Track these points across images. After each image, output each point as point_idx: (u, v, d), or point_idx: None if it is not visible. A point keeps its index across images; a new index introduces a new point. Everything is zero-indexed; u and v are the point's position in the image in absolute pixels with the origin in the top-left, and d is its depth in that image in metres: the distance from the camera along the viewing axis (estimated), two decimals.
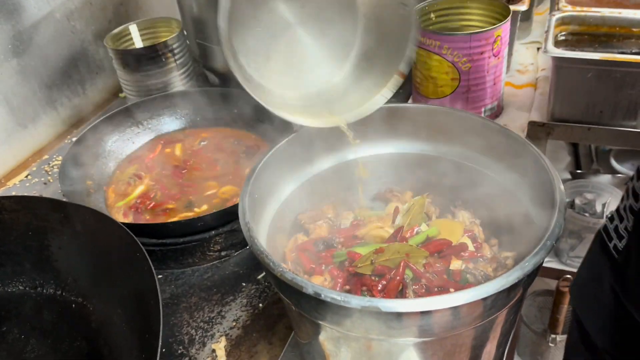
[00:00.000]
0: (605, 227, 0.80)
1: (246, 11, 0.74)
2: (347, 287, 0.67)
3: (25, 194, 1.18)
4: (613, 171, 1.46)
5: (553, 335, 1.52)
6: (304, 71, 0.81)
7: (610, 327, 0.79)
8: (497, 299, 0.56)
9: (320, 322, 0.60)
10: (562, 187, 0.63)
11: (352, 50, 0.80)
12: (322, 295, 0.53)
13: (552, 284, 1.43)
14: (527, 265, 0.54)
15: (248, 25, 0.75)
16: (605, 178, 1.42)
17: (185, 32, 1.37)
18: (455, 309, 0.54)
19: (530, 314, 1.67)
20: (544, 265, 1.35)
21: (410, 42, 0.75)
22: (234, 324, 0.87)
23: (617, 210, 0.78)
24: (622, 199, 0.78)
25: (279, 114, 0.75)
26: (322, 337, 0.64)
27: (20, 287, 0.84)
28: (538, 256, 0.55)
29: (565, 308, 1.44)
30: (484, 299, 0.54)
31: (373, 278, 0.66)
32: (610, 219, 0.79)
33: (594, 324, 0.83)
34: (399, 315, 0.54)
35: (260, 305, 0.89)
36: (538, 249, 0.56)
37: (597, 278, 0.81)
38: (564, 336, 1.55)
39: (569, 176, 1.49)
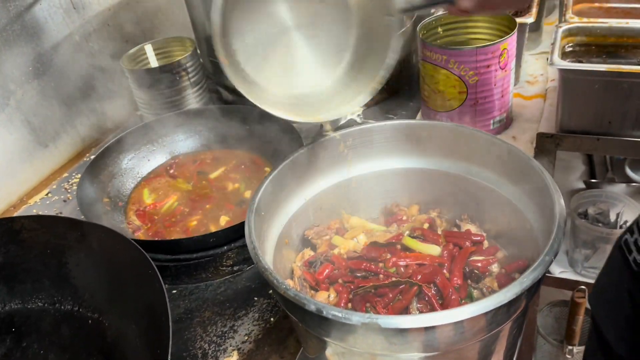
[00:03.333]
0: (625, 240, 0.80)
1: (245, 10, 0.77)
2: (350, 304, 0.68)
3: (46, 212, 1.22)
4: (628, 180, 1.44)
5: (570, 347, 1.50)
6: (297, 73, 0.84)
7: (631, 337, 0.78)
8: (498, 314, 0.57)
9: (325, 339, 0.61)
10: (562, 202, 0.64)
11: (345, 58, 0.82)
12: (324, 312, 0.54)
13: (568, 294, 1.41)
14: (525, 281, 0.55)
15: (247, 23, 0.78)
16: (619, 187, 1.41)
17: (198, 51, 1.41)
18: (456, 324, 0.55)
19: (547, 324, 1.65)
20: (559, 276, 1.35)
21: (391, 50, 0.77)
22: (246, 338, 0.88)
23: (637, 222, 0.78)
24: None
25: (265, 109, 0.79)
26: (328, 352, 0.65)
27: (40, 304, 0.87)
28: (537, 271, 0.56)
29: (581, 319, 1.42)
30: (485, 314, 0.55)
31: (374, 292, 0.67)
32: (630, 231, 0.79)
33: (614, 332, 0.82)
34: (400, 332, 0.55)
35: (272, 319, 0.91)
36: (537, 264, 0.57)
37: (617, 287, 0.80)
38: (581, 347, 1.53)
39: (583, 186, 1.49)
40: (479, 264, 0.73)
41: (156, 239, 1.05)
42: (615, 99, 1.02)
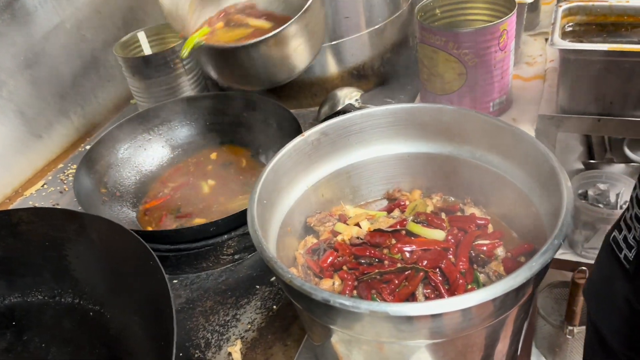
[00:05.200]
0: (614, 237, 0.79)
1: None
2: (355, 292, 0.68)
3: (42, 203, 1.21)
4: (627, 160, 1.44)
5: (570, 327, 1.51)
6: None
7: (625, 331, 0.79)
8: (506, 300, 0.56)
9: (331, 326, 0.61)
10: (569, 184, 0.63)
11: None
12: (331, 301, 0.54)
13: (568, 275, 1.42)
14: (534, 265, 0.54)
15: None
16: (618, 167, 1.41)
17: None
18: (464, 311, 0.54)
19: (547, 306, 1.66)
20: (559, 257, 1.35)
21: None
22: (249, 326, 0.88)
23: (624, 220, 0.78)
24: (628, 208, 0.77)
25: None
26: (334, 339, 0.65)
27: (40, 297, 0.86)
28: (546, 255, 0.55)
29: (581, 300, 1.43)
30: (493, 300, 0.54)
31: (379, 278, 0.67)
32: (618, 228, 0.79)
33: (608, 326, 0.82)
34: (408, 319, 0.54)
35: (275, 307, 0.90)
36: (545, 248, 0.56)
37: (608, 283, 0.81)
38: (582, 327, 1.54)
39: (582, 167, 1.48)
40: (485, 248, 0.72)
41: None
42: (616, 79, 1.01)
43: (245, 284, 0.95)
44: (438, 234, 0.73)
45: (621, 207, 1.25)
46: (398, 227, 0.75)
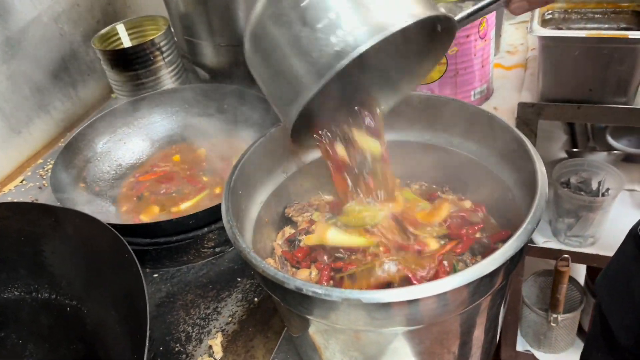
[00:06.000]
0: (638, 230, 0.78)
1: None
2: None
3: (21, 199, 1.19)
4: (610, 148, 1.44)
5: (555, 315, 1.52)
6: None
7: (636, 326, 0.77)
8: (480, 285, 0.56)
9: (307, 317, 0.60)
10: (544, 170, 0.63)
11: None
12: (304, 290, 0.53)
13: (552, 263, 1.42)
14: (507, 250, 0.54)
15: None
16: (601, 156, 1.41)
17: (172, 30, 1.37)
18: (438, 296, 0.54)
19: (531, 294, 1.67)
20: (543, 246, 1.36)
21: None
22: (230, 319, 0.87)
23: None
24: None
25: None
26: (312, 330, 0.64)
27: (16, 293, 0.85)
28: (519, 240, 0.55)
29: (564, 288, 1.44)
30: (467, 286, 0.54)
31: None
32: None
33: (620, 321, 0.81)
34: (382, 306, 0.54)
35: (256, 299, 0.90)
36: (519, 234, 0.56)
37: (628, 276, 0.79)
38: (566, 315, 1.55)
39: (565, 155, 1.49)
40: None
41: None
42: (595, 66, 1.01)
43: (227, 277, 0.94)
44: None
45: (603, 195, 1.25)
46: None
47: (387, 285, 0.65)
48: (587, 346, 0.97)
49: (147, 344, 0.57)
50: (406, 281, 0.66)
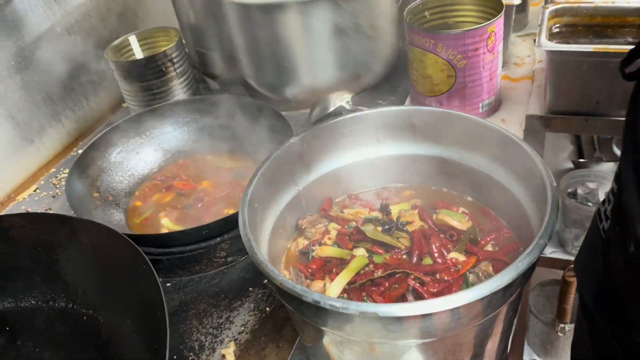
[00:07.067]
0: (598, 210, 0.81)
1: None
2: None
3: (35, 208, 1.21)
4: (615, 158, 1.45)
5: (562, 325, 1.53)
6: None
7: (601, 297, 0.80)
8: (494, 299, 0.57)
9: (322, 328, 0.61)
10: (554, 184, 0.64)
11: None
12: (322, 303, 0.54)
13: (559, 273, 1.43)
14: (521, 265, 0.55)
15: None
16: (607, 166, 1.42)
17: (183, 41, 1.39)
18: (452, 311, 0.55)
19: (538, 304, 1.67)
20: (550, 256, 1.37)
21: None
22: (243, 328, 0.88)
23: (612, 191, 0.79)
24: (612, 181, 0.78)
25: None
26: (326, 340, 0.65)
27: (33, 302, 0.86)
28: (532, 255, 0.56)
29: (572, 297, 1.44)
30: (481, 300, 0.55)
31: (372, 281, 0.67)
32: (603, 201, 0.80)
33: (591, 294, 0.83)
34: (397, 319, 0.55)
35: (268, 309, 0.91)
36: (531, 248, 0.57)
37: (592, 252, 0.82)
38: (572, 325, 1.55)
39: (571, 165, 1.50)
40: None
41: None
42: (602, 79, 1.02)
43: (238, 287, 0.95)
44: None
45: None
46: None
47: (401, 297, 0.66)
48: (575, 331, 0.99)
49: (167, 354, 0.58)
50: (417, 294, 0.67)
